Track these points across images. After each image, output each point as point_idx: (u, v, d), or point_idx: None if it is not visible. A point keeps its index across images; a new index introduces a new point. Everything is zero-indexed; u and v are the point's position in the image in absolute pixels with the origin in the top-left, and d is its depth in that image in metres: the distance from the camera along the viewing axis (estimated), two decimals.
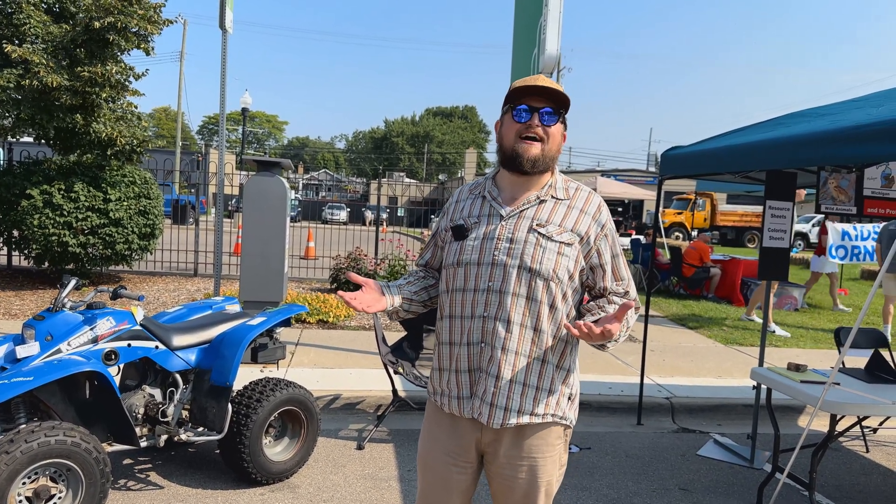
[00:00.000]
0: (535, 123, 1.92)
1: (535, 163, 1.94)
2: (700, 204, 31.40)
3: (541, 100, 1.92)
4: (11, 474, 2.79)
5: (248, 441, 3.67)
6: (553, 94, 1.91)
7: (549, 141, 1.94)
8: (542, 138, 1.93)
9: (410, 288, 2.12)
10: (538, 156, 1.93)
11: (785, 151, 3.71)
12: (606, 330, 1.75)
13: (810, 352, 7.94)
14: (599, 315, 1.94)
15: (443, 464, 2.04)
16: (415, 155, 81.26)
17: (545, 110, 1.92)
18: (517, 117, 1.93)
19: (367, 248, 12.44)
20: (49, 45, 8.35)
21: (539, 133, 1.92)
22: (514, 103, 1.95)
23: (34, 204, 8.24)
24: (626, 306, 1.76)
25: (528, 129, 1.92)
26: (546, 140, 1.93)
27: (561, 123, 1.97)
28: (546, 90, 1.90)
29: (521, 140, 1.93)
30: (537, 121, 1.92)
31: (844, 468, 4.63)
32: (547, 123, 1.92)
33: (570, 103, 1.95)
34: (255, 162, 6.14)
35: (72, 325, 3.31)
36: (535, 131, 1.92)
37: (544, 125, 1.92)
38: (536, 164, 1.94)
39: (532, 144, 1.93)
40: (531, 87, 1.91)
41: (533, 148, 1.92)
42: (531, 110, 1.92)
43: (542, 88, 1.90)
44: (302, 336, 7.17)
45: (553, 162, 1.98)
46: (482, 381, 1.94)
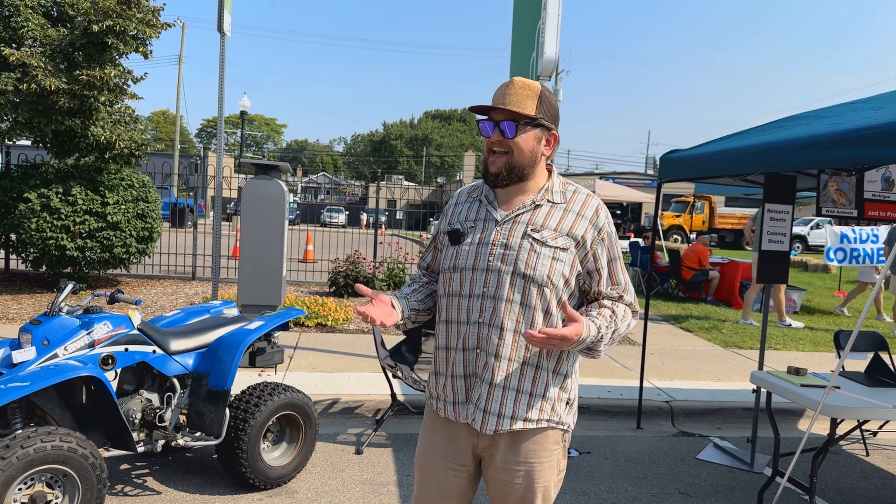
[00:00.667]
0: (497, 139, 1.92)
1: (497, 177, 1.94)
2: (698, 207, 31.42)
3: (502, 112, 1.90)
4: (7, 480, 2.77)
5: (246, 446, 3.65)
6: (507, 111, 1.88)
7: (515, 152, 1.91)
8: (508, 150, 1.92)
9: (416, 297, 2.11)
10: (500, 170, 1.93)
11: (784, 155, 3.70)
12: (561, 335, 1.72)
13: (810, 355, 7.93)
14: (591, 312, 1.93)
15: (439, 468, 2.03)
16: (413, 158, 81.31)
17: (505, 123, 1.90)
18: (482, 132, 1.95)
19: (366, 252, 12.43)
20: (47, 48, 8.33)
21: (501, 147, 1.92)
22: (478, 119, 1.96)
23: (32, 207, 8.22)
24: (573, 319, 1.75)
25: (493, 144, 1.93)
26: (512, 151, 1.91)
27: (531, 130, 1.92)
28: (496, 110, 1.89)
29: (489, 154, 1.95)
30: (498, 135, 1.91)
31: (844, 472, 4.62)
32: (508, 136, 1.90)
33: (534, 116, 1.89)
34: (254, 165, 6.13)
35: (68, 330, 3.29)
36: (498, 145, 1.92)
37: (505, 138, 1.90)
38: (499, 178, 1.94)
39: (497, 158, 1.93)
40: (483, 106, 1.91)
41: (497, 161, 1.93)
42: (493, 125, 1.92)
43: (492, 108, 1.89)
44: (300, 340, 7.15)
45: (526, 171, 1.94)
46: (477, 386, 1.93)
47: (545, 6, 5.74)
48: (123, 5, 8.25)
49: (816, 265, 18.97)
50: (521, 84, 1.90)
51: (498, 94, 1.92)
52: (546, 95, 1.94)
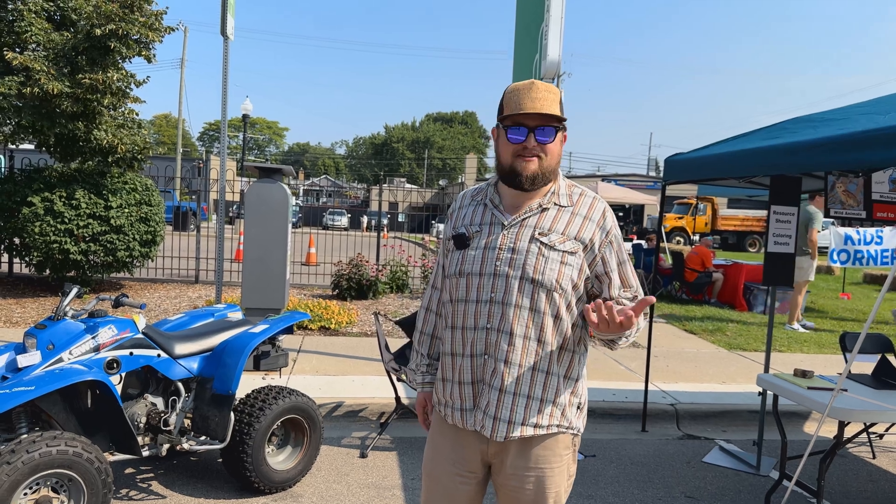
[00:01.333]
0: (532, 144, 1.86)
1: (534, 180, 1.89)
2: (701, 208, 31.39)
3: (536, 117, 1.85)
4: (13, 485, 2.76)
5: (251, 450, 3.64)
6: (548, 115, 1.84)
7: (547, 157, 1.89)
8: (540, 155, 1.88)
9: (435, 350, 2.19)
10: (537, 172, 1.88)
11: (792, 157, 3.69)
12: (627, 318, 1.67)
13: (815, 357, 7.91)
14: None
15: (447, 475, 2.01)
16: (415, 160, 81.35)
17: (540, 129, 1.85)
18: (512, 138, 1.87)
19: (369, 254, 12.42)
20: (50, 52, 8.34)
21: (536, 152, 1.87)
22: (508, 122, 1.88)
23: (35, 211, 8.23)
24: (646, 301, 1.69)
25: (525, 150, 1.87)
26: (544, 156, 1.88)
27: (559, 134, 1.90)
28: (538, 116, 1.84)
29: (519, 158, 1.88)
30: (533, 141, 1.86)
31: (851, 474, 4.60)
32: (543, 141, 1.86)
33: (564, 119, 1.89)
34: (257, 168, 6.12)
35: (73, 334, 3.29)
36: (532, 152, 1.87)
37: (541, 143, 1.87)
38: (536, 181, 1.90)
39: (530, 161, 1.87)
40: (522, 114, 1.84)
41: (531, 165, 1.87)
42: (527, 130, 1.85)
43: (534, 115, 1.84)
44: (304, 343, 7.14)
45: (553, 174, 1.93)
46: (485, 393, 1.91)
47: (548, 9, 5.73)
48: (126, 9, 8.27)
49: (820, 266, 18.92)
50: (544, 87, 1.86)
51: (521, 99, 1.85)
52: (562, 97, 1.92)
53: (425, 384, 2.18)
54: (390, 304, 9.83)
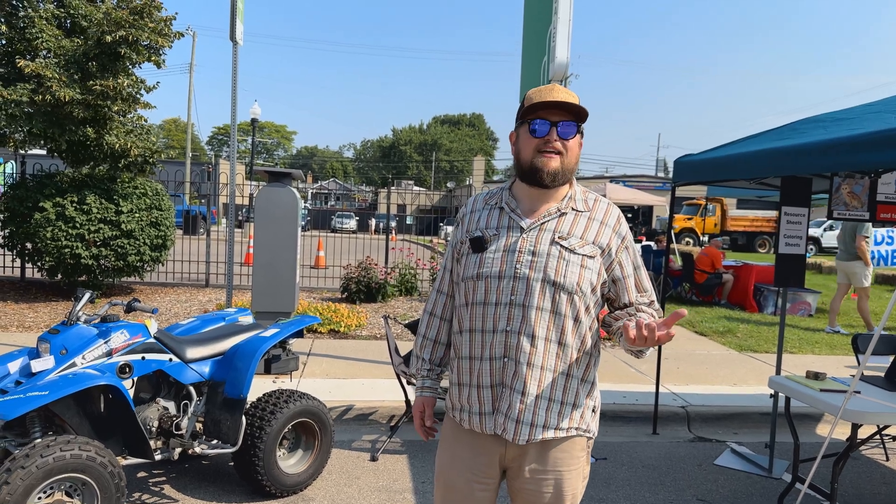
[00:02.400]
0: (554, 138, 1.88)
1: (555, 176, 1.90)
2: (710, 209, 31.25)
3: (558, 112, 1.88)
4: (27, 489, 2.78)
5: (262, 453, 3.65)
6: (571, 107, 1.86)
7: (567, 154, 1.90)
8: (561, 152, 1.89)
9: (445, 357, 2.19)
10: (558, 169, 1.90)
11: (804, 158, 3.67)
12: (666, 335, 1.71)
13: (826, 358, 7.86)
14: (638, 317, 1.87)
15: (465, 482, 2.00)
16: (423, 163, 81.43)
17: (563, 123, 1.88)
18: (534, 132, 1.89)
19: (377, 257, 12.44)
20: (61, 59, 8.41)
21: (558, 147, 1.88)
22: (530, 116, 1.90)
23: (47, 216, 8.29)
24: (678, 314, 1.71)
25: (547, 144, 1.88)
26: (565, 153, 1.90)
27: (578, 135, 1.93)
28: (563, 104, 1.86)
29: (540, 154, 1.89)
30: (555, 135, 1.88)
31: (864, 477, 4.57)
32: (565, 137, 1.88)
33: (587, 115, 1.90)
34: (267, 172, 6.15)
35: (86, 339, 3.31)
36: (554, 145, 1.88)
37: (562, 139, 1.88)
38: (556, 178, 1.91)
39: (552, 157, 1.89)
40: (547, 101, 1.86)
41: (553, 161, 1.89)
42: (549, 124, 1.88)
43: (559, 103, 1.86)
44: (314, 346, 7.15)
45: (572, 174, 1.95)
46: (505, 396, 1.90)
47: (556, 11, 5.73)
48: (136, 16, 8.32)
49: (831, 267, 18.79)
50: (565, 90, 1.89)
51: (546, 94, 1.88)
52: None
53: (425, 389, 2.15)
54: (399, 307, 9.85)
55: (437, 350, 2.16)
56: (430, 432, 2.15)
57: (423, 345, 2.17)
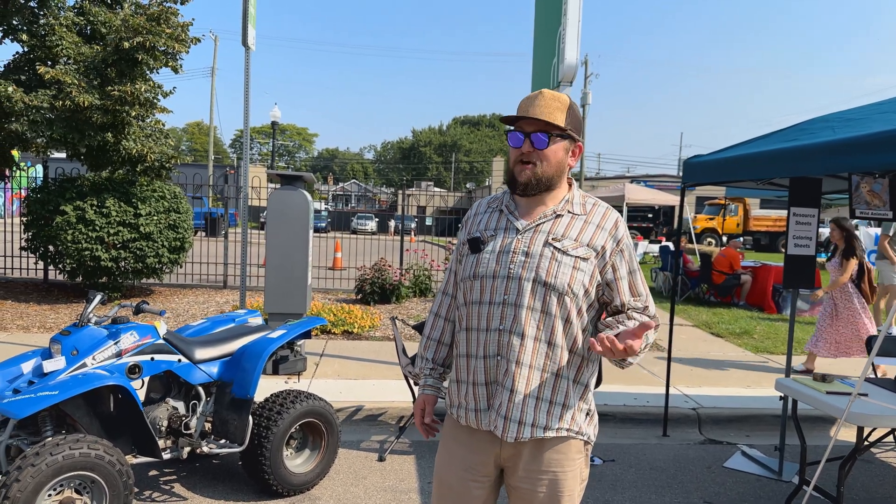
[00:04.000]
0: (527, 150, 1.94)
1: (526, 187, 1.96)
2: (732, 209, 30.91)
3: (533, 123, 1.93)
4: (37, 486, 2.86)
5: (269, 453, 3.71)
6: (541, 122, 1.91)
7: (542, 163, 1.95)
8: (535, 162, 1.94)
9: (448, 358, 2.22)
10: (529, 179, 1.95)
11: (813, 159, 3.65)
12: (628, 346, 1.74)
13: (842, 361, 7.75)
14: (619, 329, 1.91)
15: (460, 479, 2.03)
16: (442, 164, 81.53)
17: (535, 134, 1.93)
18: (511, 142, 1.97)
19: (393, 259, 12.49)
20: (81, 65, 8.58)
21: (531, 157, 1.94)
22: (509, 128, 1.98)
23: (68, 219, 8.46)
24: (646, 325, 1.74)
25: (522, 155, 1.95)
26: (540, 162, 1.94)
27: (561, 141, 1.96)
28: (531, 121, 1.92)
29: (517, 164, 1.97)
30: (528, 146, 1.94)
31: (876, 480, 4.51)
32: (539, 147, 1.93)
33: (563, 127, 1.93)
34: (279, 176, 6.23)
35: (97, 340, 3.39)
36: (528, 156, 1.95)
37: (536, 149, 1.93)
38: (528, 188, 1.97)
39: (524, 168, 1.95)
40: (516, 116, 1.94)
41: (525, 172, 1.95)
42: (523, 135, 1.94)
43: (527, 119, 1.92)
44: (327, 347, 7.22)
45: (553, 180, 1.98)
46: (498, 393, 1.94)
47: (565, 12, 5.73)
48: (153, 22, 8.46)
49: None
50: (550, 96, 1.94)
51: (526, 105, 1.94)
52: (573, 107, 1.97)
53: (427, 387, 2.20)
54: (413, 308, 9.89)
55: (441, 350, 2.21)
56: (431, 430, 2.18)
57: (427, 345, 2.23)
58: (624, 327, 1.91)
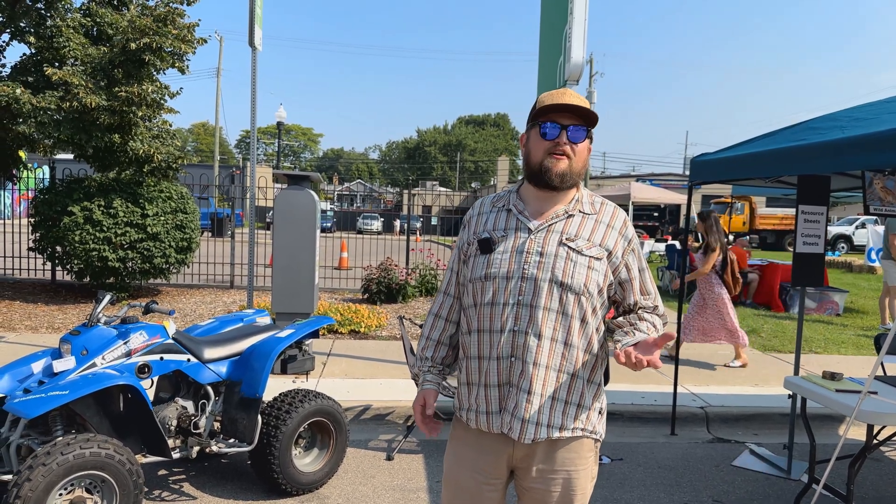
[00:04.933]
0: (563, 140, 1.91)
1: (563, 177, 1.93)
2: (738, 207, 30.80)
3: (569, 116, 1.91)
4: (48, 486, 2.88)
5: (278, 452, 3.72)
6: (581, 111, 1.89)
7: (576, 157, 1.93)
8: (570, 155, 1.92)
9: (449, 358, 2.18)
10: (566, 171, 1.92)
11: (821, 157, 3.64)
12: (651, 362, 1.75)
13: (851, 359, 7.72)
14: (636, 337, 1.91)
15: (473, 482, 2.02)
16: (447, 164, 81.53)
17: (573, 127, 1.91)
18: (545, 134, 1.92)
19: (399, 258, 12.50)
20: (88, 66, 8.61)
21: (567, 150, 1.92)
22: (540, 119, 1.94)
23: (75, 220, 8.49)
24: (667, 336, 1.76)
25: (556, 147, 1.91)
26: (573, 156, 1.93)
27: (588, 139, 1.96)
28: (573, 108, 1.89)
29: (550, 155, 1.92)
30: (565, 138, 1.91)
31: (886, 479, 4.49)
32: (574, 140, 1.91)
33: (598, 119, 1.93)
34: (286, 176, 6.24)
35: (106, 340, 3.41)
36: (563, 148, 1.91)
37: (571, 142, 1.91)
38: (565, 180, 1.93)
39: (560, 159, 1.92)
40: (558, 104, 1.89)
41: (561, 163, 1.92)
42: (559, 127, 1.91)
43: (569, 106, 1.89)
44: (334, 346, 7.23)
45: (579, 178, 1.97)
46: (512, 395, 1.92)
47: (571, 11, 5.72)
48: (159, 23, 8.48)
49: (861, 266, 18.42)
50: (576, 94, 1.92)
51: (557, 98, 1.91)
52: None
53: (426, 382, 2.14)
54: (419, 308, 9.90)
55: (440, 350, 2.17)
56: (433, 427, 2.07)
57: (426, 346, 2.19)
58: (641, 333, 1.91)
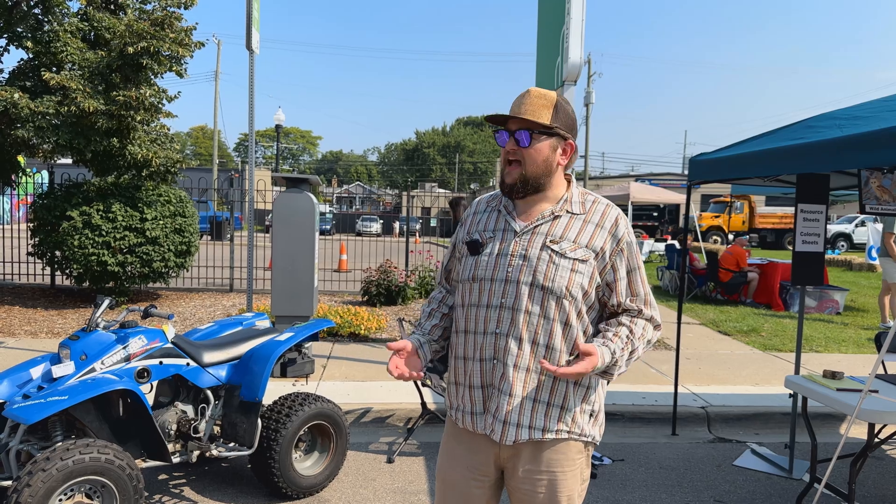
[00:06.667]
0: (511, 148, 1.93)
1: (512, 188, 1.95)
2: (738, 206, 30.80)
3: (517, 121, 1.92)
4: (48, 491, 2.87)
5: (278, 456, 3.71)
6: (522, 120, 1.90)
7: (527, 163, 1.92)
8: (520, 161, 1.93)
9: (436, 330, 2.12)
10: (515, 181, 1.94)
11: (820, 156, 3.63)
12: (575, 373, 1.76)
13: (853, 357, 7.72)
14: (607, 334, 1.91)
15: (462, 479, 2.03)
16: (446, 165, 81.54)
17: (519, 133, 1.91)
18: (498, 142, 1.98)
19: (398, 260, 12.49)
20: (86, 71, 8.60)
21: (516, 156, 1.93)
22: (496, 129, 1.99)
23: (74, 225, 8.49)
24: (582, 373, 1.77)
25: (508, 154, 1.94)
26: (524, 162, 1.92)
27: (546, 139, 1.93)
28: (506, 118, 1.92)
29: (505, 164, 1.97)
30: (512, 144, 1.93)
31: (887, 477, 4.48)
32: (522, 145, 1.91)
33: (547, 126, 1.90)
34: (284, 179, 6.23)
35: (105, 345, 3.40)
36: (513, 156, 1.94)
37: (520, 147, 1.92)
38: (514, 189, 1.95)
39: (512, 169, 1.94)
40: (495, 116, 1.94)
41: (512, 172, 1.94)
42: (508, 134, 1.94)
43: (502, 117, 1.93)
44: (333, 349, 7.22)
45: (541, 180, 1.95)
46: (494, 397, 1.93)
47: (569, 11, 5.72)
48: (157, 27, 8.48)
49: (861, 264, 18.43)
50: (536, 94, 1.92)
51: (515, 105, 1.94)
52: (562, 105, 1.93)
53: (412, 336, 2.09)
54: (419, 309, 9.88)
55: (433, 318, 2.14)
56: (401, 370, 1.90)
57: (421, 317, 2.21)
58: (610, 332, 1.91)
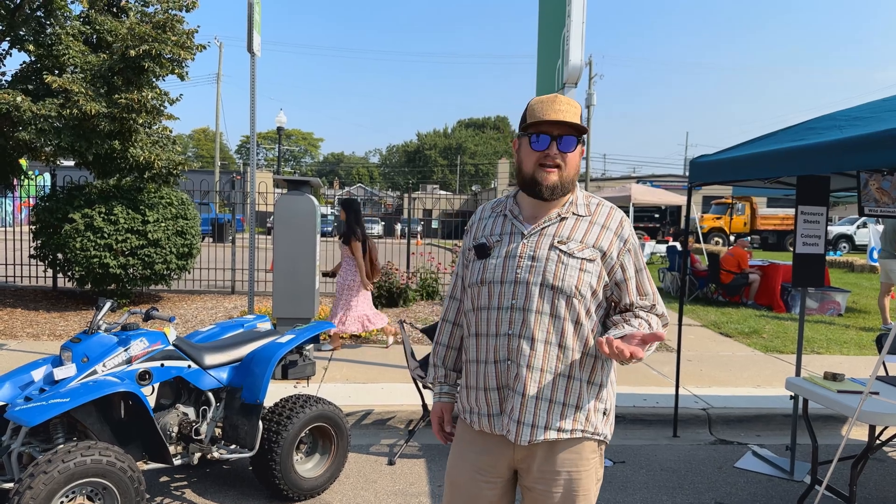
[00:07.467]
0: (554, 152, 1.91)
1: (553, 190, 1.94)
2: (739, 208, 30.79)
3: (559, 126, 1.91)
4: (50, 493, 2.87)
5: (279, 458, 3.71)
6: (571, 124, 1.90)
7: (566, 167, 1.94)
8: (561, 165, 1.93)
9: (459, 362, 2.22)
10: (556, 183, 1.94)
11: (820, 157, 3.63)
12: (634, 352, 1.73)
13: (854, 359, 7.71)
14: (625, 330, 1.89)
15: (471, 481, 2.04)
16: (448, 167, 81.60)
17: (564, 138, 1.91)
18: (535, 145, 1.93)
19: (400, 262, 12.50)
20: (88, 73, 8.63)
21: (557, 161, 1.92)
22: (532, 130, 1.94)
23: (76, 227, 8.51)
24: (657, 336, 1.75)
25: (547, 158, 1.92)
26: (564, 166, 1.93)
27: (579, 146, 1.96)
28: (563, 124, 1.89)
29: (540, 168, 1.93)
30: (556, 149, 1.91)
31: (889, 479, 4.48)
32: (565, 150, 1.92)
33: (585, 130, 1.94)
34: (286, 181, 6.25)
35: (107, 347, 3.41)
36: (554, 160, 1.92)
37: (562, 152, 1.92)
38: (555, 191, 1.95)
39: (551, 172, 1.93)
40: (548, 121, 1.89)
41: (552, 175, 1.93)
42: (550, 138, 1.91)
43: (559, 123, 1.89)
44: (335, 351, 7.22)
45: (572, 185, 1.98)
46: (510, 398, 1.94)
47: (569, 13, 5.72)
48: (159, 30, 8.50)
49: (863, 266, 18.40)
50: (567, 101, 1.92)
51: (545, 108, 1.90)
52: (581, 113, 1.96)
53: (443, 395, 2.22)
54: (420, 312, 9.89)
55: (452, 355, 2.23)
56: (450, 437, 2.20)
57: (437, 352, 2.26)
58: (630, 327, 1.89)
